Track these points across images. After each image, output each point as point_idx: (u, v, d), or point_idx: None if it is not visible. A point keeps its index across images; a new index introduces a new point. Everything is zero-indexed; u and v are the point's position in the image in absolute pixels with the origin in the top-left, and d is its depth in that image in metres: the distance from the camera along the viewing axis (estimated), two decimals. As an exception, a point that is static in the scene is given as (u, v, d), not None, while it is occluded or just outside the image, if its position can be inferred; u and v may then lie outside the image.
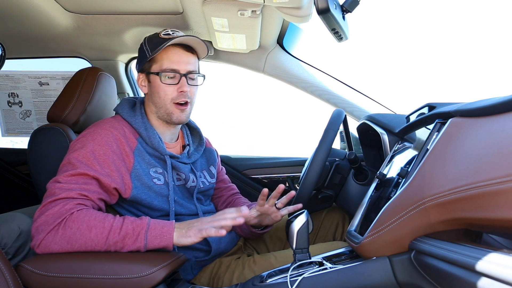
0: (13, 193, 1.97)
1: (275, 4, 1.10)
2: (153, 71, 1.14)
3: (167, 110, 1.15)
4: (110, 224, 0.92)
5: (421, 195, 0.70)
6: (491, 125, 0.63)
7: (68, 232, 0.89)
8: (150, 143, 1.12)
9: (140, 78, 1.19)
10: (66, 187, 0.94)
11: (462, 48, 8.29)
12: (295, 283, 0.83)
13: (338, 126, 1.14)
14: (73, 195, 0.94)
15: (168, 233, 0.94)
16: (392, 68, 7.65)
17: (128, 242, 0.92)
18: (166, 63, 1.13)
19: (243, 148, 5.49)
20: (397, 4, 10.17)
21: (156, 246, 0.94)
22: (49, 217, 0.90)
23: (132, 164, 1.07)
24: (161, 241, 0.93)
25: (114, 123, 1.11)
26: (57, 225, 0.89)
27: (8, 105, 1.86)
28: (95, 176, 0.98)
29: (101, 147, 1.03)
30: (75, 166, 0.98)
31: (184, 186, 1.19)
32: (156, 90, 1.14)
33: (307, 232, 0.89)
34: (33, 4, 1.27)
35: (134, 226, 0.93)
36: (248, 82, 4.77)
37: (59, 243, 0.89)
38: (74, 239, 0.89)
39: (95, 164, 1.00)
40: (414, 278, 0.75)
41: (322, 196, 1.29)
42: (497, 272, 0.51)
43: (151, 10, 1.38)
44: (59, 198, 0.93)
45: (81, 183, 0.96)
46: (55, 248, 0.89)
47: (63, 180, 0.96)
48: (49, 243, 0.89)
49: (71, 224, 0.90)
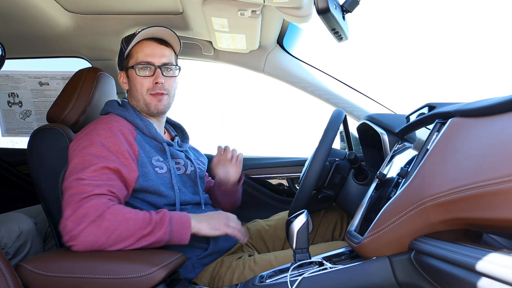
0: (13, 193, 1.97)
1: (275, 4, 1.10)
2: (130, 66, 1.20)
3: (145, 101, 1.19)
4: (143, 215, 0.98)
5: (421, 195, 0.70)
6: (491, 125, 0.63)
7: (107, 223, 0.93)
8: (148, 132, 1.17)
9: (121, 76, 1.25)
10: (95, 183, 0.97)
11: (462, 48, 8.29)
12: (295, 283, 0.83)
13: (338, 126, 1.14)
14: (104, 191, 0.97)
15: (187, 221, 1.02)
16: (392, 68, 7.65)
17: (156, 230, 0.98)
18: (140, 56, 1.19)
19: (243, 148, 5.48)
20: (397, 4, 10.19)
21: (178, 235, 1.00)
22: (88, 209, 0.92)
23: (137, 152, 1.10)
24: (182, 228, 1.01)
25: (111, 118, 1.13)
26: (97, 217, 0.92)
27: (8, 105, 1.86)
28: (116, 168, 1.01)
29: (109, 139, 1.05)
30: (92, 162, 1.00)
31: (185, 174, 1.23)
32: (133, 83, 1.20)
33: (307, 232, 0.89)
34: (33, 4, 1.27)
35: (160, 216, 1.00)
36: (248, 82, 4.78)
37: (98, 234, 0.92)
38: (112, 230, 0.93)
39: (111, 156, 1.02)
40: (414, 278, 0.75)
41: (322, 196, 1.29)
42: (497, 272, 0.51)
43: (151, 10, 1.38)
44: (93, 194, 0.95)
45: (106, 179, 0.99)
46: (93, 239, 0.91)
47: (87, 177, 0.97)
48: (88, 234, 0.91)
49: (110, 217, 0.93)
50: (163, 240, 0.99)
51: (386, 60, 7.92)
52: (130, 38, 1.21)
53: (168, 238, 0.99)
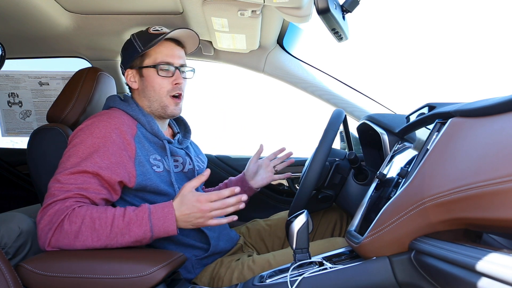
0: (13, 193, 1.97)
1: (275, 4, 1.10)
2: (147, 65, 1.17)
3: (162, 103, 1.18)
4: (112, 213, 0.94)
5: (421, 195, 0.70)
6: (491, 125, 0.63)
7: (73, 226, 0.91)
8: (150, 128, 1.15)
9: (130, 74, 1.21)
10: (65, 188, 0.96)
11: (462, 48, 8.29)
12: (295, 283, 0.83)
13: (338, 126, 1.14)
14: (71, 195, 0.96)
15: (170, 213, 0.96)
16: (392, 68, 7.65)
17: (133, 228, 0.93)
18: (160, 57, 1.16)
19: (243, 148, 5.49)
20: (397, 4, 10.18)
21: (161, 229, 0.95)
22: (51, 216, 0.92)
23: (134, 151, 1.08)
24: (165, 222, 0.95)
25: (112, 113, 1.12)
26: (60, 221, 0.91)
27: (8, 105, 1.86)
28: (95, 172, 0.99)
29: (100, 140, 1.03)
30: (74, 162, 0.99)
31: (182, 172, 1.22)
32: (151, 83, 1.17)
33: (307, 232, 0.89)
34: (33, 4, 1.27)
35: (137, 212, 0.95)
36: (248, 82, 4.77)
37: (66, 238, 0.91)
38: (79, 233, 0.91)
39: (95, 157, 1.00)
40: (414, 278, 0.75)
41: (322, 196, 1.29)
42: (497, 272, 0.51)
43: (151, 10, 1.38)
44: (58, 199, 0.94)
45: (80, 183, 0.97)
46: (64, 244, 0.91)
47: (63, 179, 0.97)
48: (56, 240, 0.91)
49: (74, 219, 0.92)
50: (145, 237, 0.94)
51: (386, 60, 7.92)
52: (147, 36, 1.18)
53: (150, 235, 0.94)
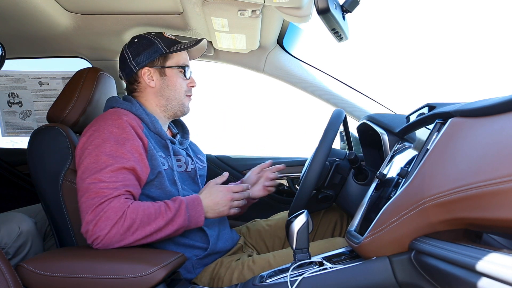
0: (13, 193, 1.96)
1: (275, 4, 1.10)
2: (170, 66, 1.23)
3: (181, 101, 1.25)
4: (158, 207, 1.03)
5: (421, 195, 0.70)
6: (491, 125, 0.63)
7: (128, 222, 0.97)
8: (153, 127, 1.18)
9: (148, 72, 1.22)
10: (112, 186, 0.99)
11: (462, 48, 8.30)
12: (295, 283, 0.83)
13: (338, 126, 1.14)
14: (122, 193, 1.00)
15: (200, 205, 1.08)
16: (392, 68, 7.65)
17: (177, 219, 1.03)
18: (181, 60, 1.25)
19: (243, 148, 5.50)
20: (397, 4, 10.20)
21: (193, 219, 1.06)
22: (109, 213, 0.96)
23: (147, 145, 1.11)
24: (197, 212, 1.07)
25: (119, 111, 1.13)
26: (119, 218, 0.96)
27: (8, 105, 1.86)
28: (132, 167, 1.03)
29: (122, 136, 1.06)
30: (108, 162, 1.01)
31: (185, 172, 1.23)
32: (173, 83, 1.23)
33: (307, 232, 0.89)
34: (33, 4, 1.27)
35: (176, 205, 1.05)
36: (248, 82, 4.78)
37: (122, 233, 0.96)
38: (135, 227, 0.97)
39: (126, 154, 1.03)
40: (414, 278, 0.75)
41: (322, 196, 1.29)
42: (497, 272, 0.51)
43: (151, 10, 1.38)
44: (112, 196, 0.98)
45: (122, 179, 1.01)
46: (118, 239, 0.96)
47: (105, 178, 0.99)
48: (113, 236, 0.95)
49: (131, 215, 0.97)
50: (183, 226, 1.04)
51: (386, 60, 7.93)
52: (166, 39, 1.24)
53: (187, 223, 1.05)
